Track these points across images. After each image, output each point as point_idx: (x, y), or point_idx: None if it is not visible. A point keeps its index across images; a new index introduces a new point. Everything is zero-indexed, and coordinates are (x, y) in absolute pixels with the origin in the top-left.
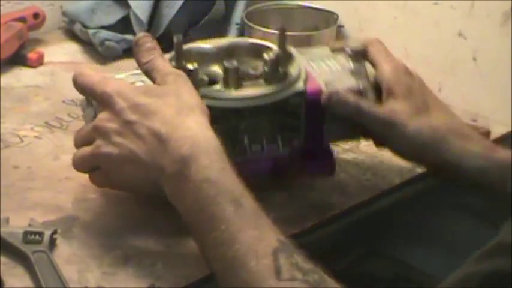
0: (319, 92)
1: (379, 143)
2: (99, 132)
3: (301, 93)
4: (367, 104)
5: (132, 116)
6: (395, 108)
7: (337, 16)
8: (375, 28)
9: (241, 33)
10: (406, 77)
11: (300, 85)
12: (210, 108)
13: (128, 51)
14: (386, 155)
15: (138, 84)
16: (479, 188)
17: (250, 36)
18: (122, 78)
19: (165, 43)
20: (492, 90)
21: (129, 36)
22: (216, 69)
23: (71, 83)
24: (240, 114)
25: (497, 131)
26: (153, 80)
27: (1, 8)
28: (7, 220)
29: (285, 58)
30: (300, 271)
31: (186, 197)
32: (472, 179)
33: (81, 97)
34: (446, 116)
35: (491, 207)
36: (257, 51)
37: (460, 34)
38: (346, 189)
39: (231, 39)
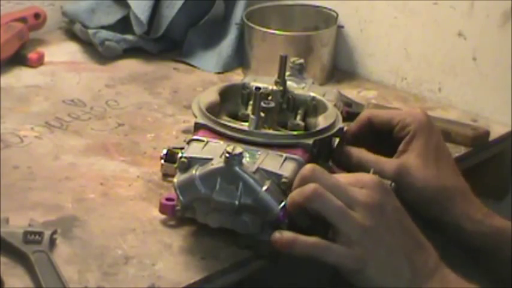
0: None
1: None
2: None
3: None
4: (372, 157)
5: None
6: (408, 162)
7: (337, 15)
8: (375, 28)
9: (241, 33)
10: (428, 131)
11: None
12: None
13: (128, 51)
14: None
15: None
16: (477, 252)
17: (250, 36)
18: None
19: (165, 43)
20: (492, 90)
21: (129, 36)
22: None
23: (71, 83)
24: None
25: (497, 131)
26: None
27: (2, 8)
28: (7, 220)
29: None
30: None
31: None
32: (470, 242)
33: (81, 98)
34: (454, 175)
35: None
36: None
37: (460, 34)
38: None
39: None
